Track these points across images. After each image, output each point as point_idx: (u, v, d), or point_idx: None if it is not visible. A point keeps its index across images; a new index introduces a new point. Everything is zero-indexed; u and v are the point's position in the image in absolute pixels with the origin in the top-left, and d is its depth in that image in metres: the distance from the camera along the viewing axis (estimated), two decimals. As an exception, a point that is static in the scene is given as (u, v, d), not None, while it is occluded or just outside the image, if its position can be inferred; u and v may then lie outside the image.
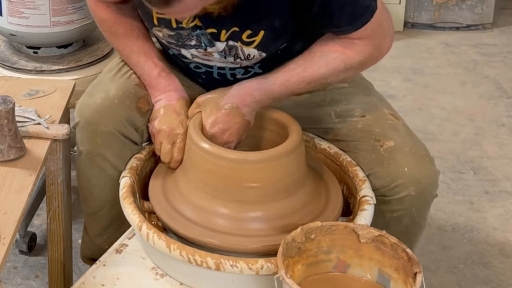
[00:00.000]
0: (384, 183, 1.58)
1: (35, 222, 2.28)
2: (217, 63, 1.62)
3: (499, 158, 2.74)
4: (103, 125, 1.58)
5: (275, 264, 1.36)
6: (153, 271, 1.49)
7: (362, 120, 1.65)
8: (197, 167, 1.51)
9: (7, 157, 1.53)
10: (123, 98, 1.61)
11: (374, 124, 1.64)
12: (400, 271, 1.35)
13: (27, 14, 2.11)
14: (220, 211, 1.48)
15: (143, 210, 1.58)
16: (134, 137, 1.63)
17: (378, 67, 3.31)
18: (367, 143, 1.62)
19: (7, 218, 1.38)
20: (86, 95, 1.64)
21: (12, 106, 1.51)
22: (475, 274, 2.18)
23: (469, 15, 3.77)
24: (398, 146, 1.59)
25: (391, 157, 1.58)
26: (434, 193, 1.61)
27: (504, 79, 3.32)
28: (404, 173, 1.56)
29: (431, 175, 1.58)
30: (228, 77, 1.65)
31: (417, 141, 1.62)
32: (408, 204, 1.57)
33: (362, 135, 1.64)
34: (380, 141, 1.61)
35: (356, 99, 1.70)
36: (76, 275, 1.93)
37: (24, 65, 2.18)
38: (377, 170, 1.59)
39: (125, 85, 1.64)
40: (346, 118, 1.67)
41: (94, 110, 1.59)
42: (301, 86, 1.56)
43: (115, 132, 1.59)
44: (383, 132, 1.62)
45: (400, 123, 1.66)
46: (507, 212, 2.45)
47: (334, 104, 1.70)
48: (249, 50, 1.56)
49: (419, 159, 1.58)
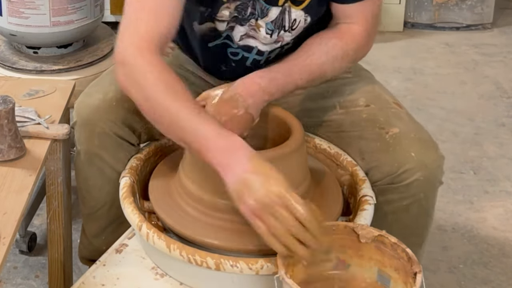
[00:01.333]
0: (392, 169, 1.57)
1: (35, 222, 2.28)
2: (259, 45, 1.63)
3: (499, 158, 2.74)
4: (99, 126, 1.58)
5: (275, 264, 1.36)
6: (153, 271, 1.49)
7: (366, 109, 1.67)
8: (198, 166, 1.51)
9: (7, 157, 1.53)
10: (121, 101, 1.59)
11: (379, 113, 1.65)
12: (400, 271, 1.35)
13: (27, 14, 2.11)
14: (220, 211, 1.48)
15: (143, 210, 1.58)
16: (131, 139, 1.62)
17: (378, 67, 3.32)
18: (372, 132, 1.63)
19: (7, 218, 1.38)
20: (85, 95, 1.64)
21: (12, 106, 1.51)
22: (475, 274, 2.18)
23: (469, 15, 3.77)
24: (403, 133, 1.60)
25: (397, 143, 1.58)
26: (440, 179, 1.62)
27: (504, 79, 3.32)
28: (412, 157, 1.56)
29: (437, 160, 1.59)
30: (261, 63, 1.66)
31: (420, 128, 1.64)
32: (416, 190, 1.57)
33: (367, 124, 1.64)
34: (385, 129, 1.62)
35: (360, 89, 1.71)
36: (76, 275, 1.93)
37: (24, 65, 2.18)
38: (384, 157, 1.59)
39: None
40: (350, 109, 1.68)
41: (91, 110, 1.59)
42: (303, 77, 1.58)
43: (111, 134, 1.59)
44: (387, 120, 1.63)
45: (403, 111, 1.67)
46: (507, 212, 2.45)
47: (338, 95, 1.71)
48: (297, 12, 1.59)
49: (425, 144, 1.59)
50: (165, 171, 1.62)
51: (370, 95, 1.69)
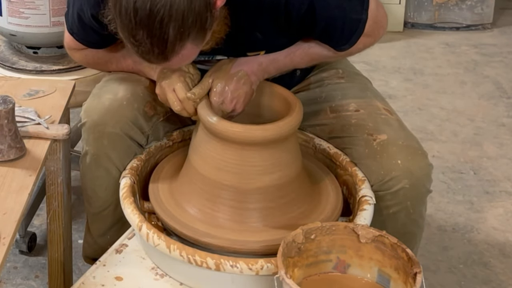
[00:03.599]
0: (378, 177, 1.58)
1: (35, 222, 2.28)
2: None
3: (499, 158, 2.74)
4: (110, 126, 1.59)
5: (275, 264, 1.36)
6: (153, 271, 1.49)
7: (355, 114, 1.67)
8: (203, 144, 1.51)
9: (7, 157, 1.53)
10: (131, 100, 1.61)
11: (368, 118, 1.65)
12: (400, 271, 1.36)
13: (27, 14, 2.11)
14: (220, 212, 1.48)
15: (143, 210, 1.59)
16: (140, 140, 1.64)
17: (378, 67, 3.32)
18: (360, 138, 1.63)
19: (7, 218, 1.38)
20: (94, 97, 1.65)
21: (12, 106, 1.51)
22: (475, 274, 2.18)
23: (469, 15, 3.77)
24: (391, 140, 1.60)
25: (384, 150, 1.59)
26: (428, 187, 1.62)
27: (504, 79, 3.32)
28: (398, 165, 1.57)
29: (423, 167, 1.59)
30: None
31: (409, 135, 1.64)
32: (402, 198, 1.58)
33: (356, 129, 1.65)
34: (373, 135, 1.62)
35: (352, 94, 1.71)
36: (76, 275, 1.93)
37: (24, 65, 2.18)
38: (371, 164, 1.59)
39: (133, 87, 1.64)
40: (341, 113, 1.69)
41: (102, 111, 1.60)
42: (304, 60, 1.63)
43: (122, 134, 1.60)
44: (376, 126, 1.63)
45: (393, 118, 1.67)
46: (507, 212, 2.45)
47: (330, 100, 1.72)
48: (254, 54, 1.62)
49: (412, 151, 1.59)
50: (165, 171, 1.62)
51: (361, 101, 1.69)
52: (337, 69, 1.78)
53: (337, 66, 1.79)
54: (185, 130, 1.72)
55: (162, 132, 1.69)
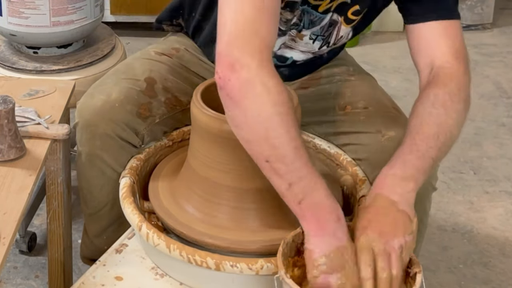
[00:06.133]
0: None
1: (35, 222, 2.29)
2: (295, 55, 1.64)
3: (499, 158, 2.74)
4: (101, 128, 1.58)
5: (275, 264, 1.36)
6: (153, 271, 1.49)
7: (364, 111, 1.67)
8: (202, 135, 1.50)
9: (7, 157, 1.53)
10: (124, 102, 1.59)
11: (376, 116, 1.66)
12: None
13: (27, 14, 2.11)
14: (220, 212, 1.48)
15: (143, 210, 1.58)
16: (134, 141, 1.62)
17: (378, 67, 3.33)
18: (369, 135, 1.63)
19: (7, 218, 1.38)
20: (87, 96, 1.63)
21: (12, 106, 1.51)
22: (475, 274, 2.18)
23: (469, 15, 3.77)
24: (399, 136, 1.59)
25: (392, 146, 1.58)
26: (434, 184, 1.62)
27: (504, 79, 3.33)
28: None
29: None
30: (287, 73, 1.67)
31: None
32: None
33: (364, 126, 1.65)
34: (381, 132, 1.62)
35: (361, 92, 1.71)
36: (76, 275, 1.93)
37: (24, 65, 2.18)
38: (378, 159, 1.59)
39: (128, 90, 1.62)
40: (349, 110, 1.69)
41: (94, 112, 1.58)
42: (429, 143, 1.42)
43: (114, 136, 1.58)
44: (384, 123, 1.64)
45: (402, 116, 1.68)
46: (507, 212, 2.45)
47: (339, 97, 1.71)
48: (346, 29, 1.60)
49: None
50: (165, 171, 1.62)
51: (370, 98, 1.70)
52: (348, 66, 1.79)
53: (348, 64, 1.80)
54: (185, 130, 1.72)
55: (160, 132, 1.68)
